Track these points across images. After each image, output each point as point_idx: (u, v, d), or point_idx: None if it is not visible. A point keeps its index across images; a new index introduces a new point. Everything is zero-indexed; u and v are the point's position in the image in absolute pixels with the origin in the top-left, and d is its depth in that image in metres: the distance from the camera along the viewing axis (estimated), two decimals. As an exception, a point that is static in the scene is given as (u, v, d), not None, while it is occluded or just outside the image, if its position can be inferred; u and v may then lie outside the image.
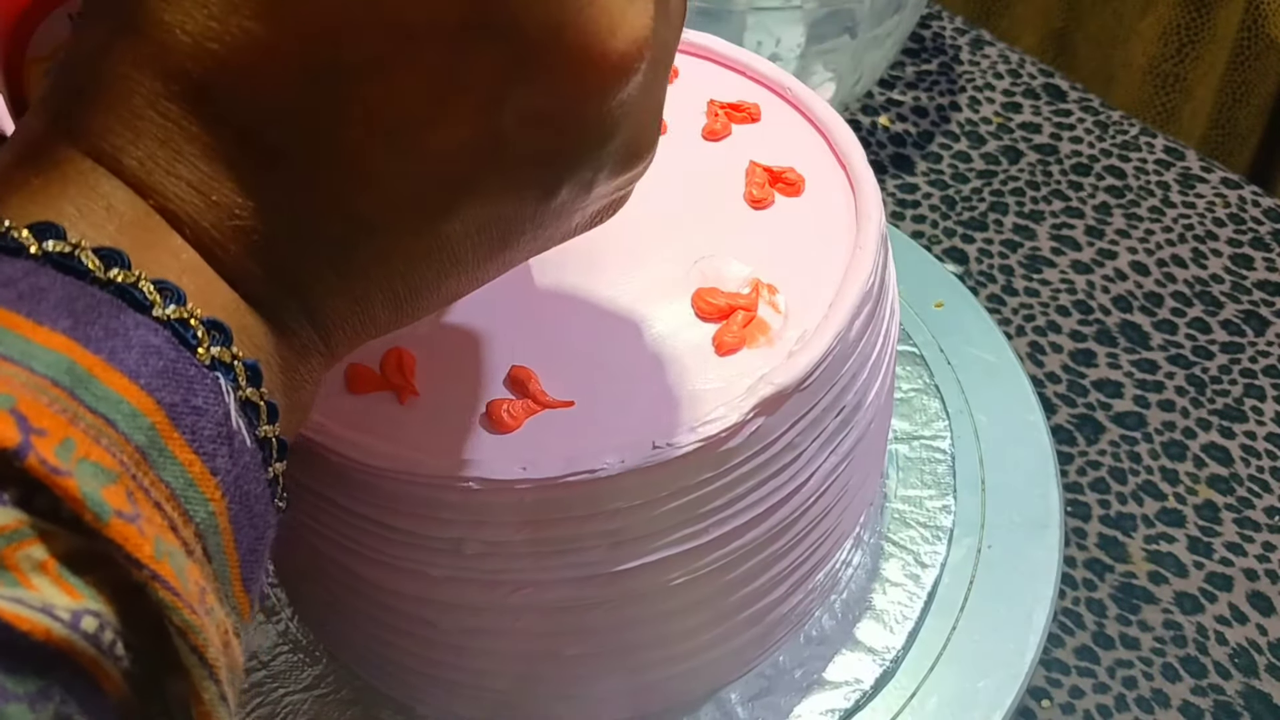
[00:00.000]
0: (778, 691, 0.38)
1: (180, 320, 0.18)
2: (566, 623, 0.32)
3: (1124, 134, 0.66)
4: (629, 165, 0.23)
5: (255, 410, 0.20)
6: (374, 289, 0.22)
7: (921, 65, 0.71)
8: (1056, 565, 0.41)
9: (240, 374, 0.19)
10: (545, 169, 0.21)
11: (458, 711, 0.37)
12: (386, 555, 0.31)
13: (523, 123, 0.20)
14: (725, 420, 0.29)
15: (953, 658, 0.39)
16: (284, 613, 0.40)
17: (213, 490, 0.18)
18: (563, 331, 0.32)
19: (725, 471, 0.30)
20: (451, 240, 0.21)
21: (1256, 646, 0.45)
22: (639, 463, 0.28)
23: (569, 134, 0.20)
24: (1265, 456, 0.51)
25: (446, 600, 0.31)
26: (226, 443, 0.19)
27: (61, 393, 0.16)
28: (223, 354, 0.19)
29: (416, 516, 0.29)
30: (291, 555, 0.34)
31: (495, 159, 0.20)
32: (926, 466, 0.44)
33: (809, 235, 0.35)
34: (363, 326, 0.22)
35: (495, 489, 0.28)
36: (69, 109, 0.19)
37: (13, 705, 0.15)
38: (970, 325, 0.49)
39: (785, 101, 0.39)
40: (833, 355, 0.31)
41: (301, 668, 0.38)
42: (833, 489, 0.34)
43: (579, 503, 0.29)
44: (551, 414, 0.30)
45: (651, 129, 0.23)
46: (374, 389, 0.31)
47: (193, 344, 0.19)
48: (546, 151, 0.21)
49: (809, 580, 0.36)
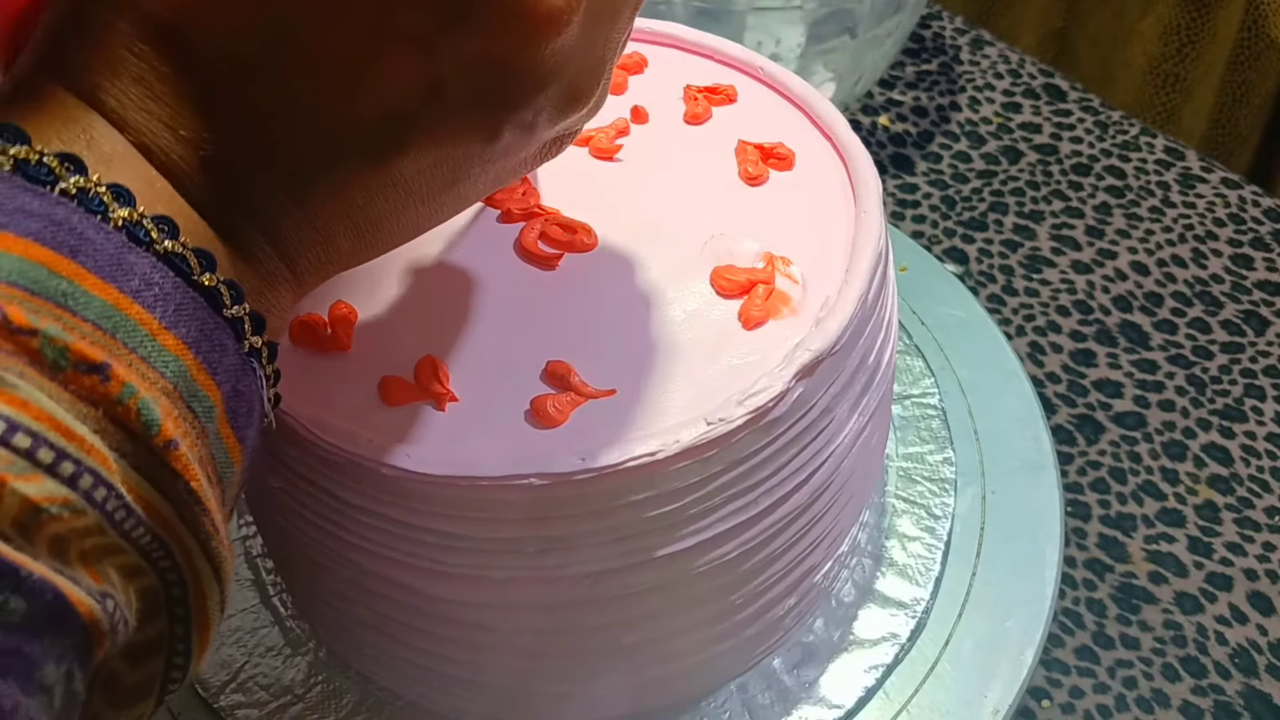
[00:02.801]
0: (819, 655, 0.39)
1: (130, 219, 0.20)
2: (627, 611, 0.32)
3: (1124, 134, 0.66)
4: (569, 110, 0.24)
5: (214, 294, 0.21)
6: (334, 219, 0.23)
7: (921, 65, 0.71)
8: (1059, 502, 0.43)
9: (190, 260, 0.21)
10: (485, 112, 0.22)
11: (510, 717, 0.37)
12: (445, 564, 0.30)
13: (459, 69, 0.21)
14: (770, 390, 0.30)
15: (978, 602, 0.40)
16: (309, 644, 0.40)
17: (178, 347, 0.20)
18: (589, 323, 0.32)
19: (771, 441, 0.30)
20: (405, 175, 0.23)
21: (1256, 646, 0.45)
22: (694, 440, 0.29)
23: (505, 80, 0.22)
24: (1265, 456, 0.51)
25: (508, 603, 0.31)
26: (187, 306, 0.21)
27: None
28: (173, 246, 0.21)
29: (476, 520, 0.29)
30: (327, 578, 0.34)
31: (436, 101, 0.22)
32: (922, 423, 0.46)
33: (809, 206, 0.35)
34: (328, 256, 0.24)
35: (557, 483, 0.28)
36: (55, 49, 0.21)
37: (49, 666, 0.17)
38: (937, 285, 0.51)
39: (758, 81, 0.40)
40: (857, 318, 0.32)
41: (339, 695, 0.38)
42: (859, 450, 0.35)
43: (638, 488, 0.29)
44: (595, 404, 0.30)
45: (590, 77, 0.24)
46: (410, 399, 0.31)
47: (145, 241, 0.20)
48: (485, 95, 0.22)
49: (839, 544, 0.37)
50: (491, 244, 0.34)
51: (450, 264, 0.34)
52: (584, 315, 0.32)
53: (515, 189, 0.35)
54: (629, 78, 0.40)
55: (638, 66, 0.40)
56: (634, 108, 0.38)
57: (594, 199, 0.35)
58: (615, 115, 0.38)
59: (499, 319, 0.32)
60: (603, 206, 0.35)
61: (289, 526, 0.33)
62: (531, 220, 0.35)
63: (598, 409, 0.30)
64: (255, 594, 0.41)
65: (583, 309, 0.33)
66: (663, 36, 0.41)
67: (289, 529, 0.33)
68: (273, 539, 0.38)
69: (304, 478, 0.31)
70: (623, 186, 0.36)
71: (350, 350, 0.32)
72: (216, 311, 0.21)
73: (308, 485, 0.31)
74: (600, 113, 0.38)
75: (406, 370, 0.31)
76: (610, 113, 0.38)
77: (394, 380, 0.31)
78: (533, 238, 0.34)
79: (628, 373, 0.31)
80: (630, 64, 0.40)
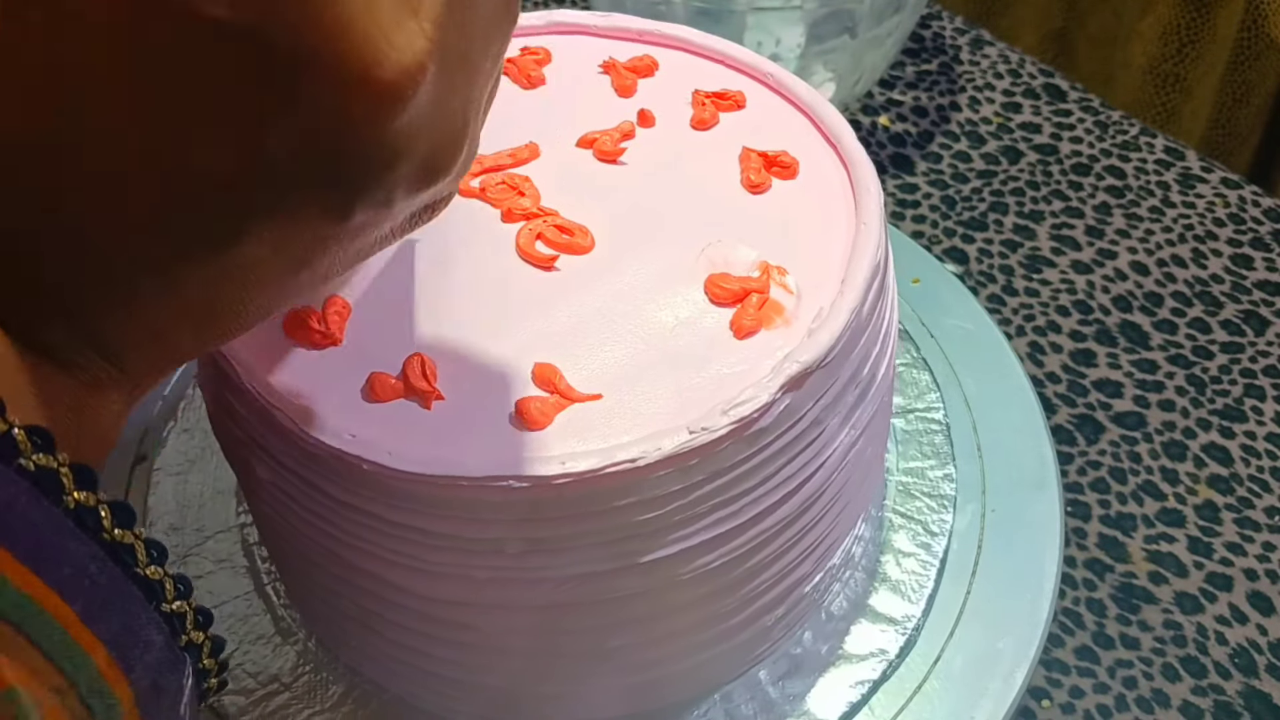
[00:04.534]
0: (806, 668, 0.39)
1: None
2: (613, 615, 0.32)
3: (1124, 134, 0.66)
4: (429, 182, 0.21)
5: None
6: (169, 319, 0.20)
7: (921, 65, 0.71)
8: (1060, 521, 0.43)
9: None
10: (330, 192, 0.19)
11: (495, 716, 0.37)
12: (428, 562, 0.31)
13: (292, 150, 0.18)
14: (756, 401, 0.29)
15: (971, 620, 0.40)
16: (299, 634, 0.40)
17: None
18: (579, 327, 0.32)
19: (756, 452, 0.30)
20: (245, 262, 0.20)
21: (1256, 646, 0.45)
22: (676, 449, 0.29)
23: (346, 161, 0.19)
24: (1265, 456, 0.51)
25: (489, 602, 0.31)
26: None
27: None
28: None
29: (458, 520, 0.29)
30: (315, 571, 0.34)
31: (271, 184, 0.19)
32: (924, 438, 0.45)
33: (809, 216, 0.35)
34: (165, 353, 0.21)
35: (537, 486, 0.28)
36: None
37: None
38: (947, 297, 0.51)
39: (767, 88, 0.40)
40: (850, 330, 0.32)
41: (325, 685, 0.38)
42: (852, 463, 0.34)
43: (619, 494, 0.29)
44: (581, 408, 0.30)
45: (450, 145, 0.21)
46: (395, 397, 0.31)
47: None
48: (325, 177, 0.19)
49: (830, 557, 0.37)
50: (491, 243, 0.34)
51: (447, 262, 0.34)
52: (577, 318, 0.32)
53: (516, 189, 0.35)
54: (638, 80, 0.40)
55: (648, 70, 0.40)
56: (641, 111, 0.38)
57: (595, 202, 0.35)
58: (622, 118, 0.38)
59: (492, 319, 0.32)
60: (603, 209, 0.35)
61: (279, 519, 0.33)
62: (530, 221, 0.35)
63: (583, 413, 0.30)
64: (249, 581, 0.41)
65: (576, 312, 0.33)
66: (674, 40, 0.41)
67: (277, 520, 0.33)
68: (263, 529, 0.38)
69: (292, 471, 0.31)
70: (624, 190, 0.36)
71: (342, 344, 0.32)
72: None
73: (295, 479, 0.31)
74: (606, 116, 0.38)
75: (395, 367, 0.31)
76: (617, 116, 0.38)
77: (381, 377, 0.31)
78: (530, 238, 0.34)
79: (616, 378, 0.31)
80: (641, 67, 0.40)
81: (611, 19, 0.42)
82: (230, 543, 0.42)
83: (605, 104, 0.39)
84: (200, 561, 0.41)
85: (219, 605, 0.40)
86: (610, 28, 0.41)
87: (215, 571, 0.41)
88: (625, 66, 0.40)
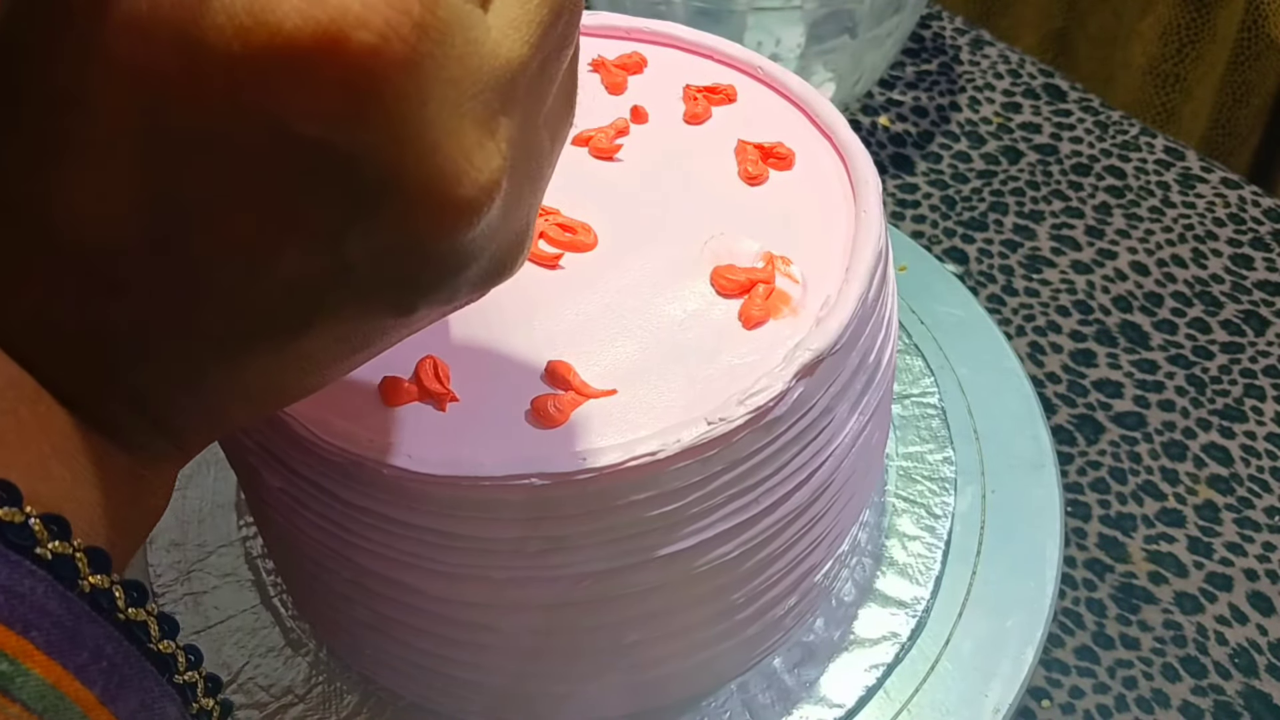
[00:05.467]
0: (819, 655, 0.39)
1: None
2: (628, 610, 0.32)
3: (1124, 134, 0.66)
4: (494, 282, 0.22)
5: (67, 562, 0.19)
6: (229, 400, 0.21)
7: (921, 65, 0.71)
8: (1059, 500, 0.43)
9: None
10: (399, 293, 0.21)
11: (511, 716, 0.37)
12: (446, 564, 0.30)
13: (370, 256, 0.19)
14: (771, 390, 0.30)
15: (978, 601, 0.41)
16: (310, 645, 0.39)
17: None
18: (589, 323, 0.32)
19: (771, 441, 0.30)
20: (307, 351, 0.21)
21: (1256, 646, 0.45)
22: (695, 440, 0.29)
23: (419, 267, 0.20)
24: (1265, 456, 0.51)
25: (509, 603, 0.31)
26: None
27: None
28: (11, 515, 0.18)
29: (477, 520, 0.29)
30: (328, 578, 0.34)
31: (345, 286, 0.20)
32: (921, 423, 0.46)
33: (808, 205, 0.36)
34: (217, 427, 0.22)
35: (558, 483, 0.29)
36: None
37: None
38: (936, 284, 0.51)
39: (758, 81, 0.40)
40: (857, 317, 0.32)
41: (340, 695, 0.38)
42: (860, 449, 0.35)
43: (638, 487, 0.29)
44: (595, 404, 0.30)
45: (515, 246, 0.22)
46: (409, 400, 0.31)
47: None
48: (398, 281, 0.20)
49: (839, 544, 0.37)
50: (491, 244, 0.34)
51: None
52: (585, 315, 0.32)
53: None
54: (628, 77, 0.40)
55: (637, 66, 0.40)
56: (634, 107, 0.38)
57: (594, 199, 0.35)
58: (615, 115, 0.38)
59: (500, 318, 0.32)
60: (603, 206, 0.35)
61: (290, 527, 0.33)
62: (531, 220, 0.35)
63: (598, 409, 0.30)
64: (256, 594, 0.41)
65: (584, 309, 0.33)
66: (662, 36, 0.41)
67: (290, 529, 0.33)
68: (273, 539, 0.38)
69: (305, 478, 0.31)
70: (622, 186, 0.36)
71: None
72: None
73: (308, 485, 0.31)
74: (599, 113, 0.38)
75: (407, 370, 0.31)
76: (610, 113, 0.38)
77: (394, 380, 0.31)
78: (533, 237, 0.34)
79: (628, 372, 0.31)
80: (630, 64, 0.40)
81: (599, 17, 0.42)
82: (234, 556, 0.42)
83: (596, 102, 0.39)
84: (204, 577, 0.41)
85: (226, 620, 0.40)
86: (597, 26, 0.42)
87: (220, 586, 0.41)
88: (614, 64, 0.40)
